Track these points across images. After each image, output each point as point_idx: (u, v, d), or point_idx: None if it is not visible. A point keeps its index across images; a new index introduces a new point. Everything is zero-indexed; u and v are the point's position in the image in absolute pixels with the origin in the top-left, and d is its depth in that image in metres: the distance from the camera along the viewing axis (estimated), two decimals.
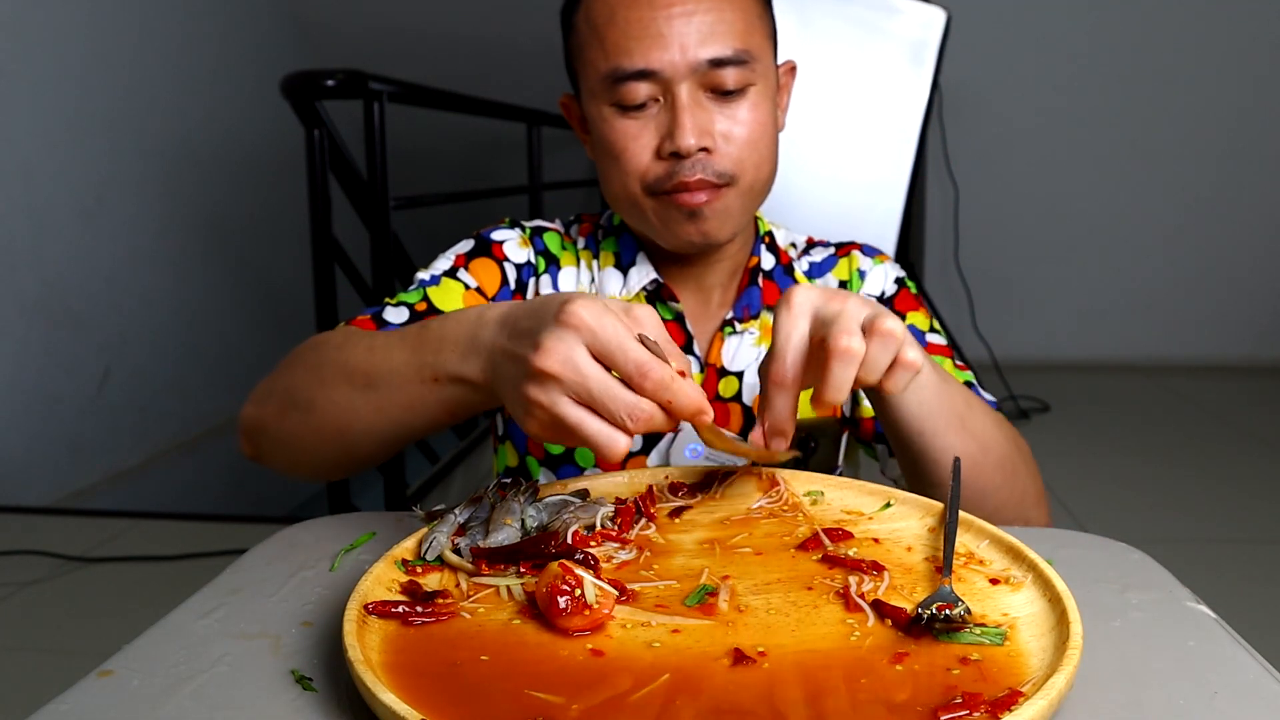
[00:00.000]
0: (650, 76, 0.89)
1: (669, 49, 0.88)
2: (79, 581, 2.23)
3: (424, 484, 2.71)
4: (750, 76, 0.91)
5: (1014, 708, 0.46)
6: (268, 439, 0.84)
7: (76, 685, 0.54)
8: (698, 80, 0.89)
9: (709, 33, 0.88)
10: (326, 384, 0.78)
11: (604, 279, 1.04)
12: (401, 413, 0.74)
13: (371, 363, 0.75)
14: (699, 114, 0.90)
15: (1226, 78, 4.32)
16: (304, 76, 2.10)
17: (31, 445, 2.86)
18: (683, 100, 0.89)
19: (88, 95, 3.08)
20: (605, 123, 0.92)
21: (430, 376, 0.70)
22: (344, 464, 0.83)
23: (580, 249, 1.08)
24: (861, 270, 1.08)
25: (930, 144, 4.09)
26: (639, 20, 0.88)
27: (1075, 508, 2.75)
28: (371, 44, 4.10)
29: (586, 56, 0.93)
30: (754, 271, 1.04)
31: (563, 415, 0.60)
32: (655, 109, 0.91)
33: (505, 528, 0.65)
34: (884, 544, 0.68)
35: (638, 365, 0.59)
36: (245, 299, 3.85)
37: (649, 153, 0.91)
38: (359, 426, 0.77)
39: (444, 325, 0.71)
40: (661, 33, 0.88)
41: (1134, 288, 4.54)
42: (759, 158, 0.94)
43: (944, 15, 1.58)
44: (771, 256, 1.07)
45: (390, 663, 0.52)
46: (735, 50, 0.89)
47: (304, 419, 0.80)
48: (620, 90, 0.90)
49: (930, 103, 1.57)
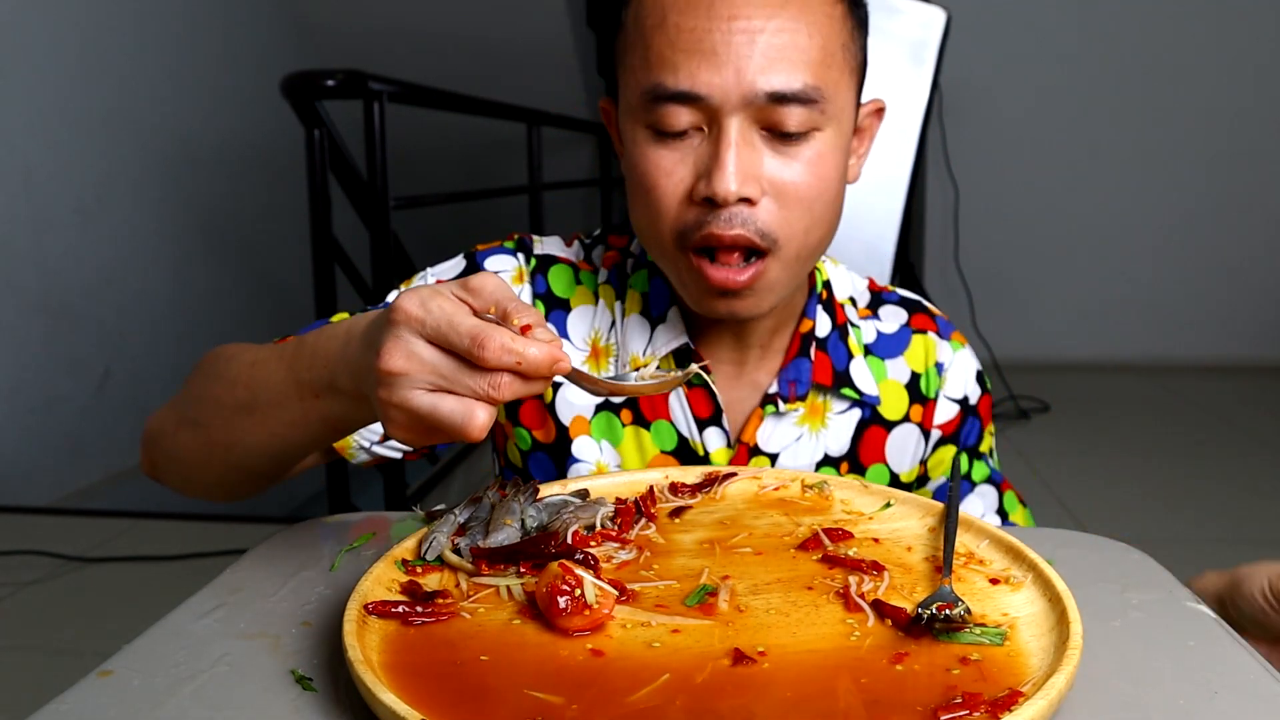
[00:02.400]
0: (695, 101, 0.75)
1: (721, 70, 0.74)
2: (79, 581, 2.23)
3: (424, 484, 2.71)
4: (818, 120, 0.76)
5: (1014, 708, 0.46)
6: (162, 454, 0.80)
7: (76, 685, 0.54)
8: (752, 115, 0.75)
9: (775, 58, 0.74)
10: (214, 400, 0.74)
11: (628, 330, 0.90)
12: (285, 429, 0.70)
13: (252, 379, 0.71)
14: (747, 155, 0.75)
15: (1227, 78, 4.32)
16: (304, 76, 2.10)
17: (31, 445, 2.86)
18: (729, 136, 0.75)
19: (88, 95, 3.08)
20: (638, 147, 0.79)
21: (310, 393, 0.66)
22: (236, 481, 0.78)
23: (601, 282, 0.93)
24: (940, 364, 0.93)
25: (930, 144, 4.09)
26: (691, 30, 0.74)
27: (1075, 508, 2.75)
28: (371, 44, 4.10)
29: (628, 62, 0.80)
30: (806, 338, 0.89)
31: (415, 407, 0.57)
32: (698, 140, 0.77)
33: (505, 528, 0.65)
34: (884, 544, 0.68)
35: (471, 337, 0.55)
36: (246, 299, 3.85)
37: (683, 192, 0.77)
38: (247, 442, 0.73)
39: (318, 340, 0.67)
40: (716, 49, 0.73)
41: (1134, 288, 4.54)
42: (811, 220, 0.78)
43: (944, 15, 1.58)
44: (827, 318, 0.91)
45: (390, 663, 0.52)
46: (805, 85, 0.74)
47: (194, 434, 0.76)
48: (658, 112, 0.76)
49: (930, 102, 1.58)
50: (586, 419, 0.90)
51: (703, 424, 0.89)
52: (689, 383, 0.88)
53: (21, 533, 2.46)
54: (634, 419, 0.90)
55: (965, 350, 0.96)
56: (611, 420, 0.90)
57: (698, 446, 0.89)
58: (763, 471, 0.79)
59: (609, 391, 0.63)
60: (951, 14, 1.60)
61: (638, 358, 0.89)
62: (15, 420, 2.82)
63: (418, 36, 4.02)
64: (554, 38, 3.93)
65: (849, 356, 0.91)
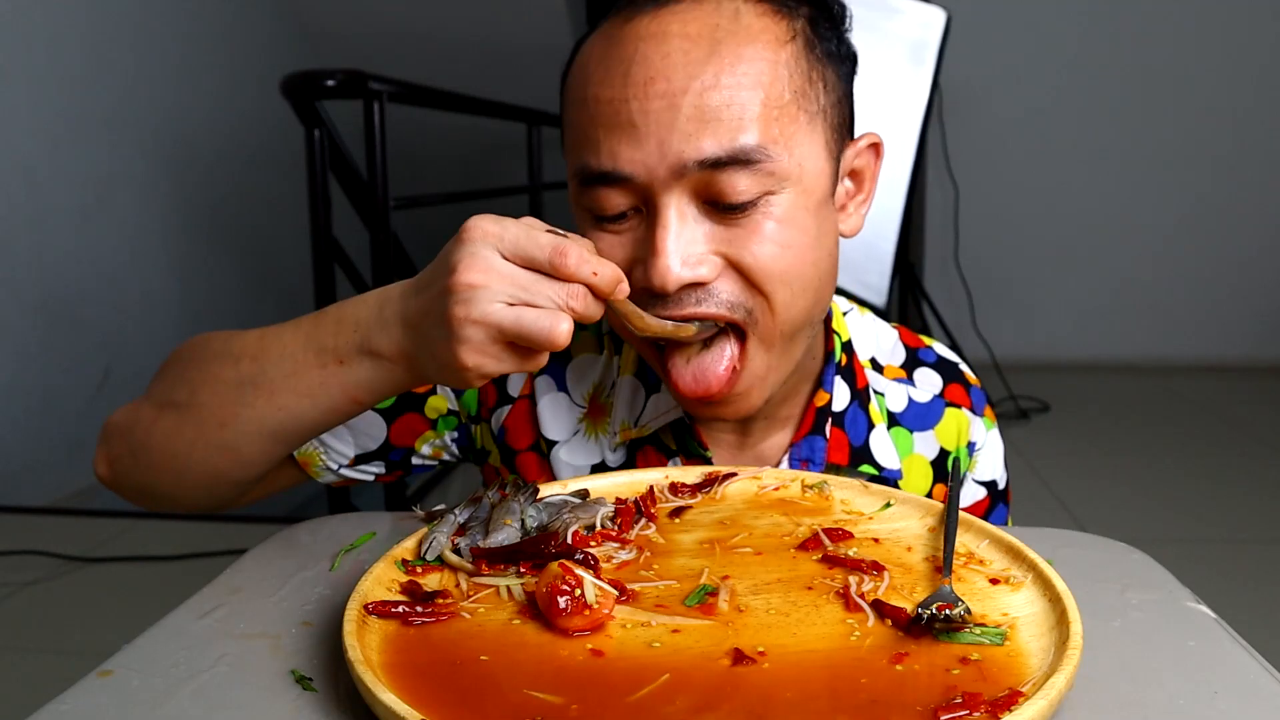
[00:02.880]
0: (622, 182, 0.66)
1: (643, 145, 0.65)
2: (79, 581, 2.23)
3: (424, 484, 2.71)
4: (768, 183, 0.66)
5: (1014, 708, 0.46)
6: (129, 448, 0.74)
7: (76, 685, 0.54)
8: (689, 187, 0.66)
9: (704, 121, 0.64)
10: (209, 378, 0.70)
11: (619, 392, 0.83)
12: (296, 400, 0.66)
13: (261, 350, 0.68)
14: (688, 235, 0.66)
15: (1226, 78, 4.32)
16: (304, 76, 2.10)
17: (31, 445, 2.86)
18: (665, 216, 0.66)
19: (88, 95, 3.08)
20: (582, 229, 0.72)
21: (334, 359, 0.64)
22: (211, 474, 0.72)
23: (605, 331, 0.86)
24: (973, 444, 0.86)
25: (930, 144, 4.09)
26: (609, 103, 0.66)
27: (1075, 508, 2.75)
28: (371, 44, 4.10)
29: (565, 140, 0.73)
30: (821, 413, 0.80)
31: (499, 320, 0.57)
32: (637, 220, 0.69)
33: (505, 528, 0.65)
34: (884, 544, 0.68)
35: (555, 248, 0.57)
36: (245, 299, 3.85)
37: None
38: (245, 416, 0.68)
39: (343, 309, 0.66)
40: (635, 122, 0.65)
41: (1134, 288, 4.54)
42: (790, 294, 0.68)
43: (944, 15, 1.59)
44: (846, 388, 0.81)
45: (390, 663, 0.52)
46: (743, 145, 0.65)
47: (179, 417, 0.71)
48: (590, 195, 0.69)
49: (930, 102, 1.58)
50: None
51: None
52: (687, 454, 0.82)
53: (21, 533, 2.46)
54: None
55: (995, 430, 0.89)
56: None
57: None
58: (763, 471, 0.79)
59: (653, 330, 0.66)
60: (951, 14, 1.60)
61: (628, 426, 0.82)
62: (15, 420, 2.82)
63: (418, 36, 4.02)
64: (554, 38, 3.93)
65: (869, 427, 0.83)
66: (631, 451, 0.84)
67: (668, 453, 0.83)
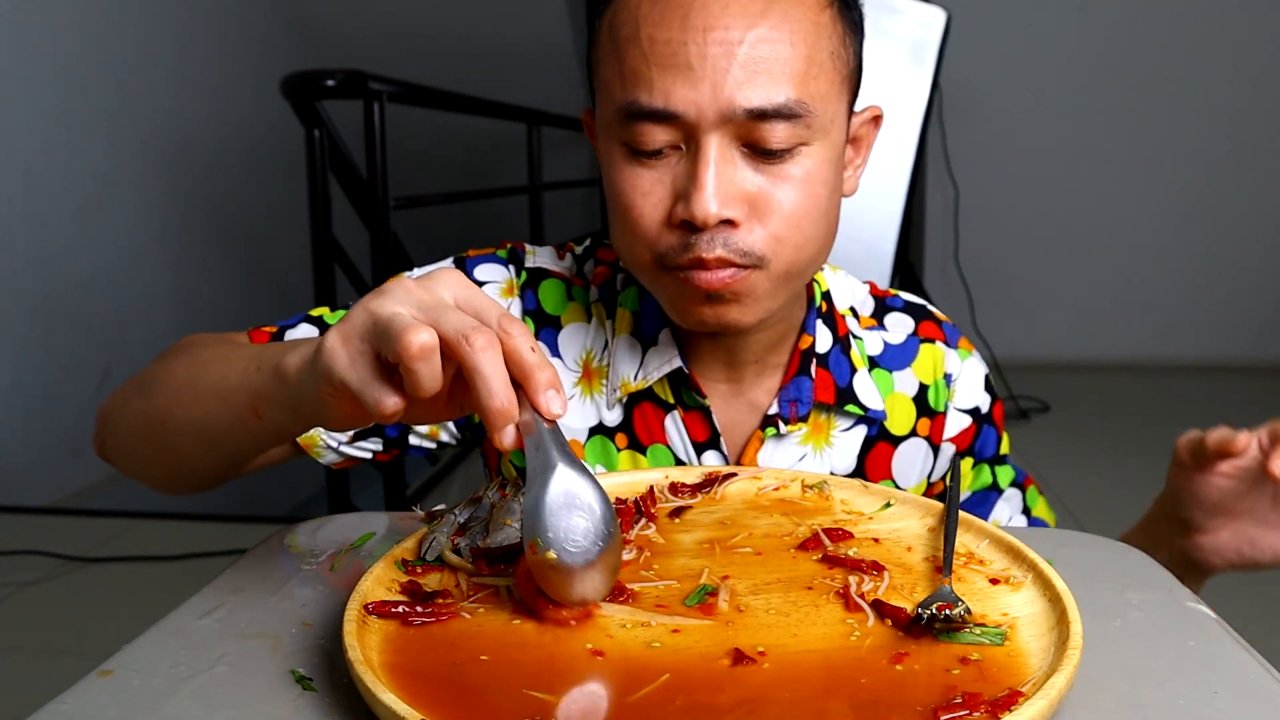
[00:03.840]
0: (671, 119, 0.70)
1: (697, 86, 0.69)
2: (79, 581, 2.23)
3: (424, 484, 2.71)
4: (804, 135, 0.71)
5: (1014, 708, 0.46)
6: (110, 428, 0.78)
7: (76, 685, 0.54)
8: (732, 131, 0.70)
9: (755, 71, 0.69)
10: (167, 370, 0.72)
11: (617, 352, 0.86)
12: (214, 402, 0.65)
13: (218, 355, 0.69)
14: (727, 175, 0.71)
15: (1226, 78, 4.32)
16: (304, 76, 2.10)
17: (31, 445, 2.86)
18: (708, 155, 0.70)
19: (88, 95, 3.08)
20: (614, 166, 0.75)
21: (254, 368, 0.62)
22: (173, 464, 0.73)
23: (593, 300, 0.89)
24: (949, 375, 0.90)
25: (930, 144, 4.09)
26: (665, 44, 0.69)
27: (1075, 508, 2.75)
28: (371, 44, 4.10)
29: (603, 76, 0.75)
30: (806, 355, 0.85)
31: (377, 310, 0.52)
32: (675, 159, 0.73)
33: (505, 528, 0.65)
34: (884, 544, 0.68)
35: (479, 307, 0.54)
36: (245, 299, 3.85)
37: (661, 214, 0.73)
38: (178, 415, 0.68)
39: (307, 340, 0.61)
40: (691, 64, 0.69)
41: (1134, 288, 4.54)
42: (802, 238, 0.74)
43: (944, 15, 1.59)
44: (828, 332, 0.87)
45: (390, 663, 0.52)
46: (787, 99, 0.69)
47: (142, 403, 0.72)
48: (633, 130, 0.72)
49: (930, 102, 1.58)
50: (581, 443, 0.87)
51: (700, 447, 0.86)
52: (685, 405, 0.85)
53: (21, 533, 2.46)
54: (630, 444, 0.87)
55: (973, 358, 0.92)
56: (606, 445, 0.87)
57: None
58: (763, 471, 0.79)
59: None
60: (951, 14, 1.60)
61: (628, 382, 0.85)
62: (15, 420, 2.82)
63: (418, 36, 4.02)
64: (554, 38, 3.93)
65: (852, 371, 0.87)
66: (628, 410, 0.86)
67: (665, 406, 0.85)
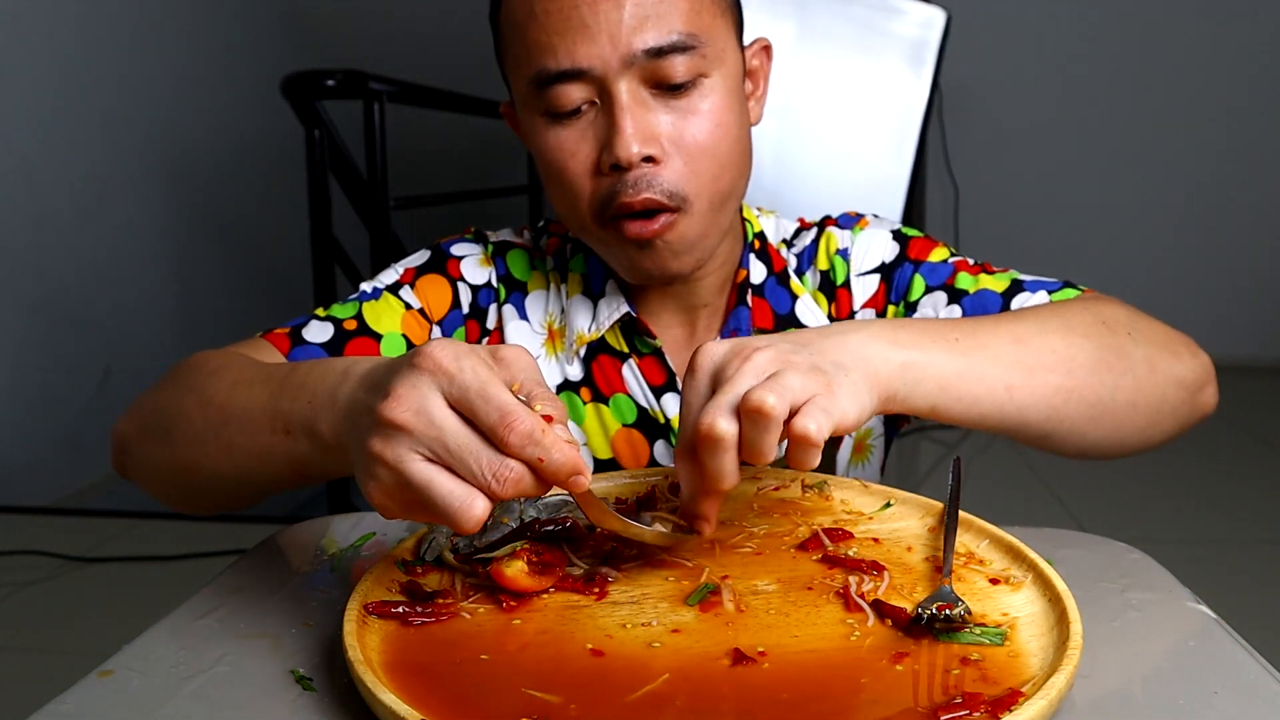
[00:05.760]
0: (580, 76, 0.77)
1: (596, 40, 0.76)
2: (79, 581, 2.23)
3: None
4: (702, 65, 0.78)
5: (1014, 708, 0.46)
6: (131, 460, 0.77)
7: (76, 685, 0.54)
8: (638, 75, 0.77)
9: (644, 16, 0.76)
10: (184, 415, 0.70)
11: (572, 310, 0.93)
12: (249, 461, 0.65)
13: (230, 400, 0.67)
14: (641, 115, 0.78)
15: (1227, 78, 4.32)
16: (304, 76, 2.10)
17: (31, 445, 2.86)
18: (621, 100, 0.77)
19: (87, 95, 3.08)
20: (539, 135, 0.81)
21: (282, 428, 0.61)
22: (200, 502, 0.75)
23: (550, 269, 0.96)
24: (842, 249, 0.94)
25: (930, 144, 4.09)
26: (559, 11, 0.76)
27: (1075, 508, 2.75)
28: (371, 44, 4.10)
29: (511, 60, 0.82)
30: (741, 288, 0.91)
31: (409, 474, 0.50)
32: (593, 114, 0.79)
33: (504, 527, 0.65)
34: (884, 544, 0.68)
35: (502, 413, 0.49)
36: (245, 298, 3.85)
37: (589, 168, 0.80)
38: (208, 468, 0.68)
39: (311, 372, 0.61)
40: (586, 23, 0.76)
41: (1134, 288, 4.53)
42: (718, 166, 0.81)
43: (944, 15, 1.58)
44: (762, 265, 0.94)
45: (390, 663, 0.52)
46: (679, 34, 0.77)
47: (161, 448, 0.73)
48: (549, 95, 0.78)
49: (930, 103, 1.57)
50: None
51: (659, 391, 0.90)
52: (639, 352, 0.90)
53: (21, 533, 2.46)
54: (593, 396, 0.92)
55: (869, 229, 0.94)
56: (573, 399, 0.92)
57: (658, 414, 0.90)
58: (763, 471, 0.79)
59: (617, 529, 0.60)
60: (951, 14, 1.60)
61: (583, 334, 0.91)
62: (15, 420, 2.82)
63: (418, 36, 4.02)
64: None
65: (793, 298, 0.93)
66: (588, 365, 0.92)
67: (620, 356, 0.91)
